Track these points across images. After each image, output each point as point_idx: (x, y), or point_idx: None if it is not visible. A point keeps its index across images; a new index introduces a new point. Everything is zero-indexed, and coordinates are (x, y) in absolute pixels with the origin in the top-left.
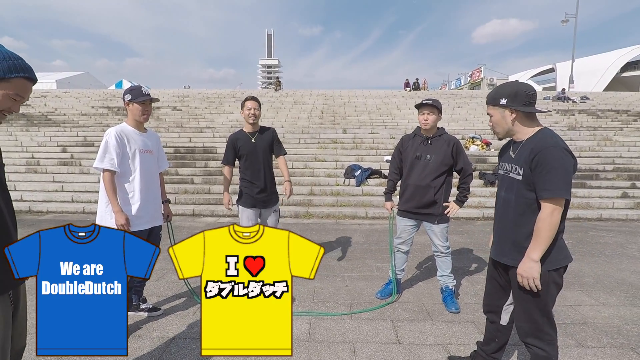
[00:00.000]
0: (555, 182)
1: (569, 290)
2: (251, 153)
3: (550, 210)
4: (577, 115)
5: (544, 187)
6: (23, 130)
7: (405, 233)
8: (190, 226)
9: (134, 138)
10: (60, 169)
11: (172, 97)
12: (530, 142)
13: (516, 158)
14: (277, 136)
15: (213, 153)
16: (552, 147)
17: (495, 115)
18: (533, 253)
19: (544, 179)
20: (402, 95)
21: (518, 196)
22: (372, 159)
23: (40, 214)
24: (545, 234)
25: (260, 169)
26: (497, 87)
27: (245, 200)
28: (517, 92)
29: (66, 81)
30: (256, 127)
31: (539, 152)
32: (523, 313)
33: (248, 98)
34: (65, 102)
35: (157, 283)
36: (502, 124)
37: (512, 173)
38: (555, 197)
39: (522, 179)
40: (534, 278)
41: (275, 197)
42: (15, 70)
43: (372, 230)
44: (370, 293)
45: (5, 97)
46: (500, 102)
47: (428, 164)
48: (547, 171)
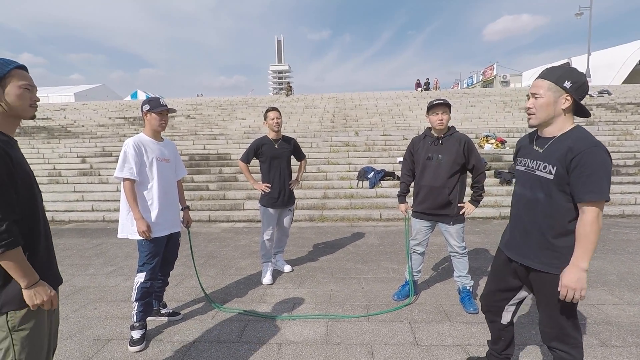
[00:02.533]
0: (601, 184)
1: (592, 289)
2: (274, 158)
3: (596, 214)
4: (595, 110)
5: (589, 190)
6: (44, 143)
7: (420, 234)
8: (207, 232)
9: (151, 147)
10: (81, 179)
11: (186, 106)
12: (566, 139)
13: (545, 154)
14: (298, 144)
15: (227, 159)
16: (595, 148)
17: (547, 97)
18: (582, 262)
19: (588, 181)
20: (414, 95)
21: (548, 196)
22: (385, 161)
23: (63, 223)
24: (593, 239)
25: (281, 172)
26: (565, 69)
27: (267, 201)
28: (584, 83)
29: (84, 94)
30: (279, 134)
31: (580, 152)
32: (548, 319)
33: (270, 109)
34: (84, 114)
35: (176, 288)
36: (549, 110)
37: (540, 171)
38: (601, 200)
39: (554, 178)
40: (582, 289)
41: (292, 199)
42: (6, 64)
43: (387, 232)
44: (387, 295)
45: (22, 89)
46: (564, 83)
47: (440, 164)
48: (591, 173)
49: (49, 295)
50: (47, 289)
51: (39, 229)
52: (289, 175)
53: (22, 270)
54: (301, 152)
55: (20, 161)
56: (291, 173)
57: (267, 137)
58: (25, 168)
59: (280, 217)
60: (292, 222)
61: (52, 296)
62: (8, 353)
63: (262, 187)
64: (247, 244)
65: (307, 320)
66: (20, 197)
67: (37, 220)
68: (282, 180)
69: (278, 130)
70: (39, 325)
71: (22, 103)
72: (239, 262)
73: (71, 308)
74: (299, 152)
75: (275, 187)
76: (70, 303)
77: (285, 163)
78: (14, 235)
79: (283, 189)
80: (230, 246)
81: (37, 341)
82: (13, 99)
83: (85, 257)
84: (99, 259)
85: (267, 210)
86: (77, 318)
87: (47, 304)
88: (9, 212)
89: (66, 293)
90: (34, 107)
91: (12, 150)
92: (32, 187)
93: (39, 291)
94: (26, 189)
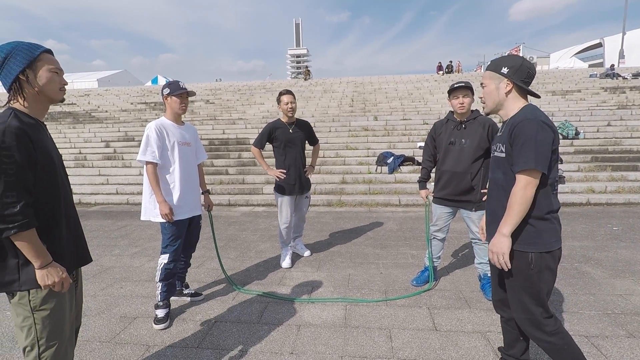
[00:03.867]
0: (528, 153)
1: (619, 279)
2: (289, 142)
3: (524, 184)
4: (629, 93)
5: (517, 160)
6: (70, 128)
7: (441, 220)
8: (226, 215)
9: (172, 131)
10: (105, 163)
11: (205, 91)
12: (513, 118)
13: (501, 136)
14: (312, 128)
15: (246, 144)
16: (528, 120)
17: (490, 86)
18: (503, 227)
19: (519, 151)
20: (435, 79)
21: (505, 175)
22: (404, 146)
23: (89, 206)
24: (518, 208)
25: (296, 158)
26: (501, 57)
27: (283, 188)
28: (521, 65)
29: (106, 79)
30: (293, 118)
31: (515, 125)
32: (517, 303)
33: (283, 92)
34: (107, 99)
35: (198, 270)
36: (494, 96)
37: (497, 152)
38: (527, 168)
39: (505, 156)
40: (503, 253)
41: (308, 184)
42: (36, 48)
43: (405, 217)
44: (406, 280)
45: (52, 73)
46: (502, 70)
47: (463, 149)
48: (522, 143)
49: (60, 276)
50: (59, 271)
51: (60, 211)
52: (304, 159)
53: (35, 250)
54: (315, 137)
55: (44, 145)
56: (305, 157)
57: (280, 120)
58: (48, 152)
59: (297, 203)
60: (309, 207)
61: (64, 278)
62: (30, 331)
63: (277, 173)
64: (266, 228)
65: (326, 303)
66: (40, 180)
67: (59, 203)
68: (297, 165)
69: (292, 115)
70: (60, 306)
71: (53, 86)
72: (258, 245)
73: (99, 286)
74: (313, 137)
75: (292, 173)
76: (98, 282)
77: (300, 148)
78: (28, 216)
79: (299, 174)
80: (250, 229)
81: (59, 321)
82: (44, 82)
83: (111, 238)
84: (124, 240)
85: (284, 198)
86: (105, 296)
87: (57, 285)
88: (24, 194)
89: (94, 272)
90: (63, 91)
91: (36, 134)
92: (53, 170)
93: (51, 272)
94: (47, 172)
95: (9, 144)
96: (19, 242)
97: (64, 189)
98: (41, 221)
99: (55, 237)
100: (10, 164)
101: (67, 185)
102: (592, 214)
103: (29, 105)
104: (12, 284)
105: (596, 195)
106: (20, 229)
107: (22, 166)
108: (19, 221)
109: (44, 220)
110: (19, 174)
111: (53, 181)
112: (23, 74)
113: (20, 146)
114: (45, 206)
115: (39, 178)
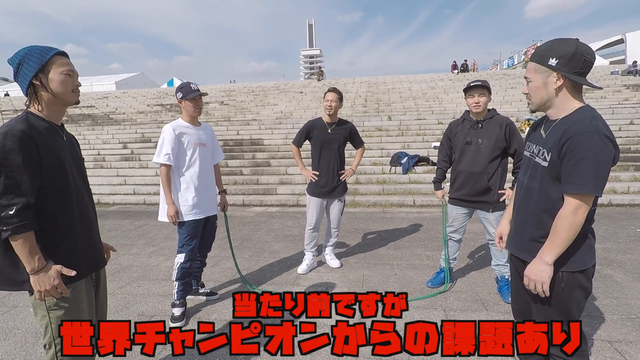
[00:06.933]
0: (586, 175)
1: None
2: (325, 143)
3: (574, 208)
4: None
5: (570, 180)
6: (89, 129)
7: (457, 221)
8: (240, 216)
9: (188, 132)
10: (122, 164)
11: (219, 92)
12: (565, 122)
13: (546, 139)
14: (356, 130)
15: (260, 145)
16: (589, 133)
17: (536, 81)
18: (546, 255)
19: (573, 169)
20: (449, 78)
21: (542, 186)
22: (418, 146)
23: (108, 206)
24: (565, 235)
25: (330, 159)
26: (550, 42)
27: (313, 189)
28: (574, 53)
29: (124, 82)
30: (334, 118)
31: (572, 136)
32: (543, 318)
33: (329, 89)
34: (124, 102)
35: (213, 269)
36: (541, 93)
37: (539, 157)
38: (582, 192)
39: (547, 166)
40: (542, 283)
41: (342, 188)
42: (48, 51)
43: (420, 218)
44: (421, 282)
45: (64, 75)
46: (548, 61)
47: (480, 149)
48: (578, 161)
49: (51, 285)
50: (51, 279)
51: (72, 214)
52: (341, 163)
53: (27, 255)
54: (359, 139)
55: (52, 148)
56: (344, 161)
57: (321, 119)
58: (56, 155)
59: (328, 207)
60: (342, 213)
61: (56, 285)
62: (47, 330)
63: (310, 174)
64: (280, 228)
65: None
66: (46, 183)
67: (70, 205)
68: (331, 168)
69: (332, 114)
70: (76, 307)
71: (65, 89)
72: (272, 246)
73: (117, 285)
74: (356, 139)
75: (323, 175)
76: (116, 280)
77: (337, 150)
78: (26, 219)
79: (331, 177)
80: (264, 230)
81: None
82: (56, 85)
83: (129, 237)
84: (141, 240)
85: (312, 199)
86: (123, 294)
87: (52, 292)
88: (21, 197)
89: (113, 270)
90: (77, 93)
91: (45, 137)
92: (63, 173)
93: (42, 278)
94: (54, 175)
95: (10, 147)
96: (14, 243)
97: (77, 192)
98: (49, 224)
99: (65, 239)
100: (10, 167)
101: (81, 188)
102: (614, 215)
103: (44, 108)
104: (23, 284)
105: (618, 195)
106: (14, 231)
107: (23, 169)
108: (14, 224)
109: (53, 223)
110: (19, 176)
111: (62, 184)
112: (36, 79)
113: (23, 149)
114: (53, 209)
115: (45, 181)
